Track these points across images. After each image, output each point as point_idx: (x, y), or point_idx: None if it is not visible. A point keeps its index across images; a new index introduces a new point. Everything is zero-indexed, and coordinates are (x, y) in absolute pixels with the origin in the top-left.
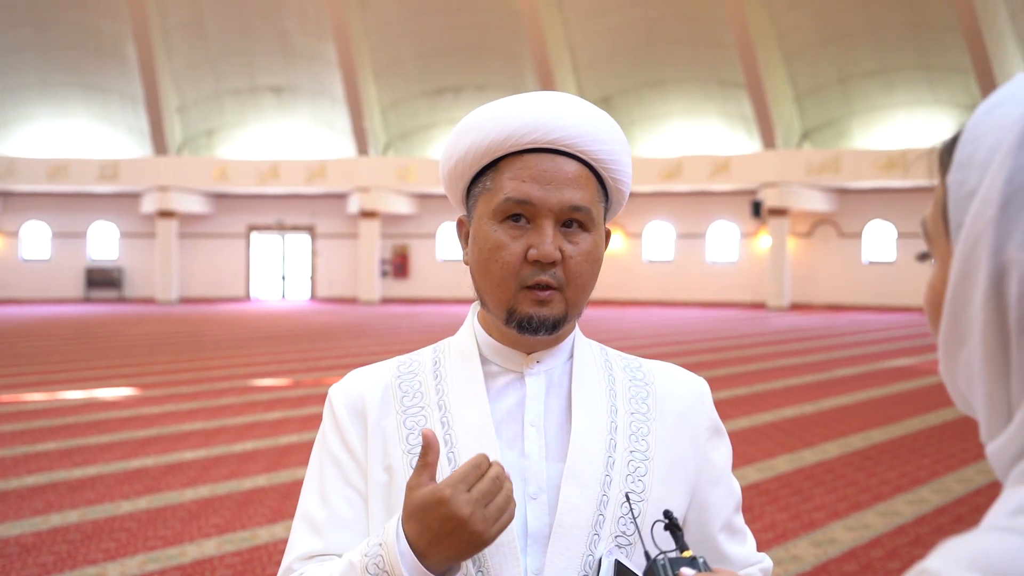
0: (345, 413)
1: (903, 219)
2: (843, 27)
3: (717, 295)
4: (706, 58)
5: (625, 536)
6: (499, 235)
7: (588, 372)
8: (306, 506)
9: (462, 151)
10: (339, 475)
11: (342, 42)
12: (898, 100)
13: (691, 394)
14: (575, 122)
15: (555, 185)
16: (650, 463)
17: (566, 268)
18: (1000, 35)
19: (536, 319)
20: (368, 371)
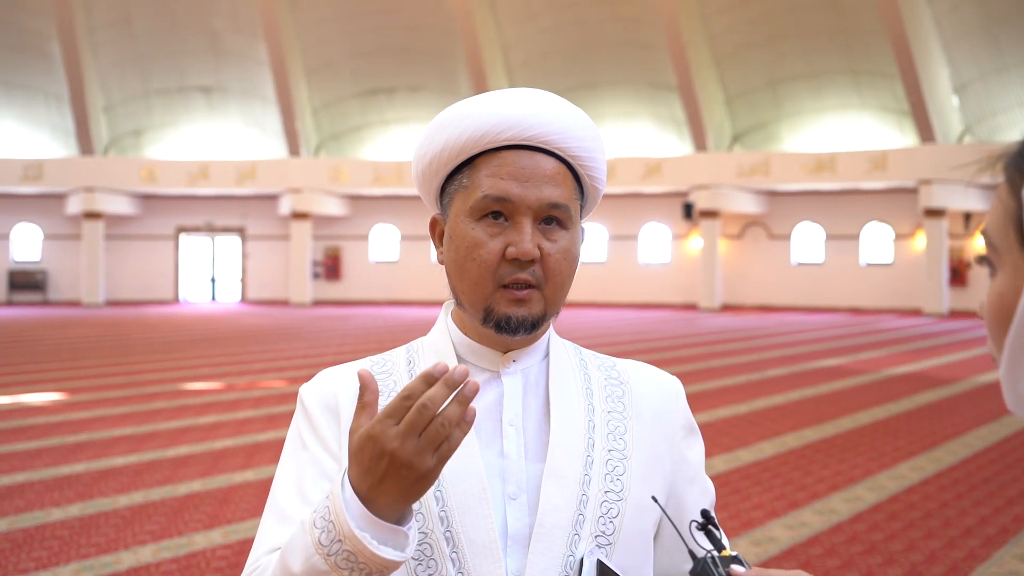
0: (319, 411)
1: (831, 221)
2: (773, 32)
3: (649, 296)
4: (639, 61)
5: (605, 536)
6: (477, 233)
7: (564, 371)
8: (277, 501)
9: (437, 148)
10: (316, 470)
11: (273, 42)
12: (826, 104)
13: (665, 392)
14: (553, 119)
15: (533, 182)
16: (628, 462)
17: (545, 266)
18: (925, 41)
19: (515, 319)
20: (340, 370)
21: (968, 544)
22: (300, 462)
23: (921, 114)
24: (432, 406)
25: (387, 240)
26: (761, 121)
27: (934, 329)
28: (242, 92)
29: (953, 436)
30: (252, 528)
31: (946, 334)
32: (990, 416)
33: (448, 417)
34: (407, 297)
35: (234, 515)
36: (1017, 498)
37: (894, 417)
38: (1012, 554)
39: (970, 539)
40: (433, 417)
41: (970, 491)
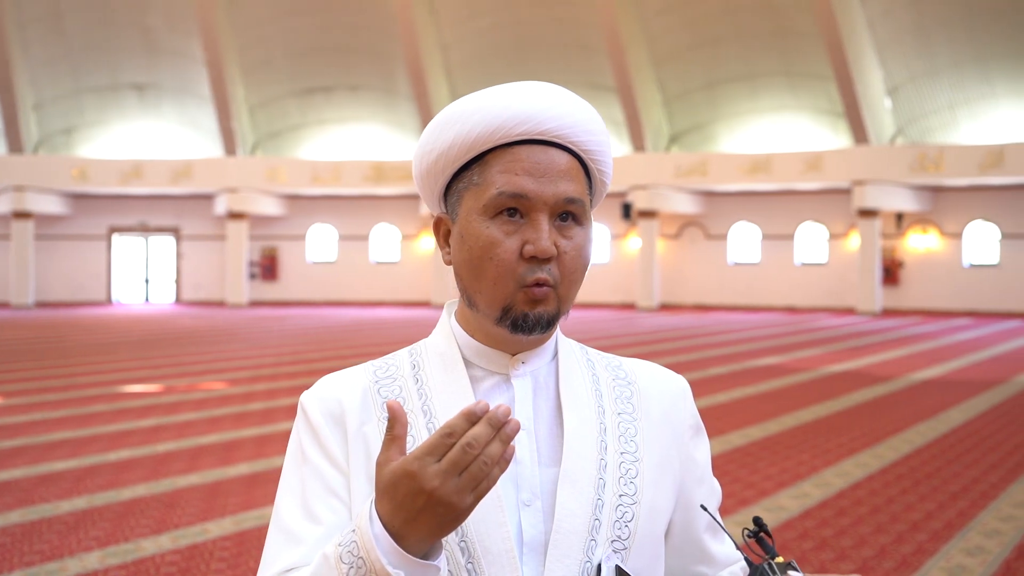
0: (322, 420)
1: (767, 221)
2: (711, 34)
3: (588, 296)
4: (577, 62)
5: (621, 540)
6: (492, 231)
7: (574, 372)
8: (282, 518)
9: (445, 144)
10: (320, 485)
11: (209, 39)
12: (762, 105)
13: (673, 392)
14: (565, 112)
15: (549, 178)
16: (640, 464)
17: (560, 264)
18: (859, 44)
19: (532, 317)
20: (343, 376)
21: (916, 539)
22: (303, 476)
23: (855, 116)
24: (477, 446)
25: (325, 240)
26: (698, 122)
27: (868, 327)
28: (177, 90)
29: (894, 432)
30: (200, 532)
31: (880, 332)
32: (928, 413)
33: (490, 456)
34: (345, 298)
35: (181, 519)
36: (960, 493)
37: (836, 414)
38: (959, 548)
39: (918, 534)
40: (476, 456)
41: (914, 486)
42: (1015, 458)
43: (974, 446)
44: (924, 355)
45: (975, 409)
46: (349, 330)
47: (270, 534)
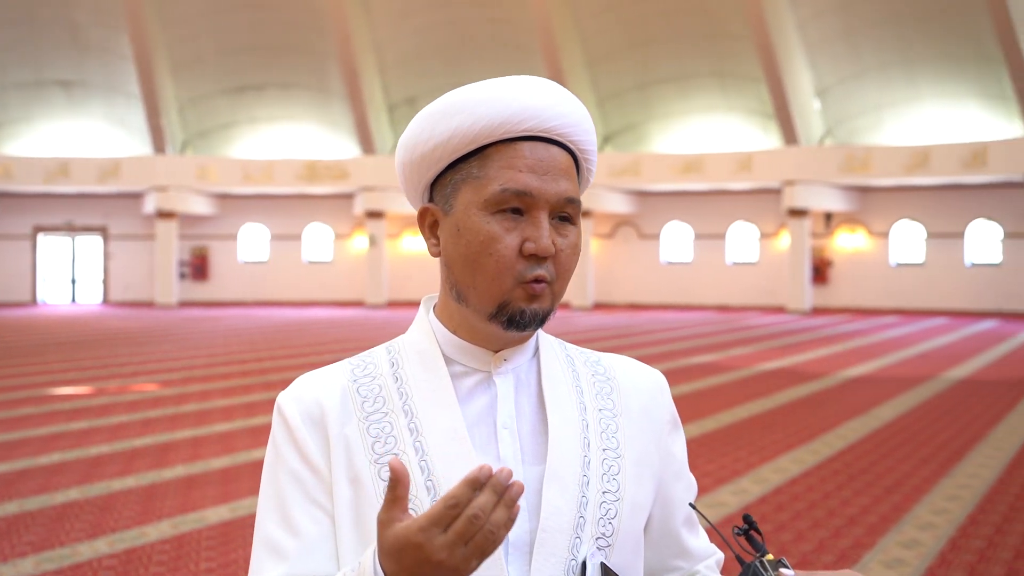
0: (300, 422)
1: (699, 220)
2: (644, 35)
3: None
4: (511, 61)
5: (605, 537)
6: (493, 227)
7: (555, 369)
8: (265, 530)
9: (444, 135)
10: (300, 492)
11: (137, 35)
12: (694, 106)
13: (652, 387)
14: (568, 110)
15: (551, 176)
16: (622, 460)
17: (556, 261)
18: (789, 46)
19: (528, 314)
20: (320, 375)
21: (853, 533)
22: (280, 484)
23: (785, 117)
24: (483, 516)
25: (257, 240)
26: (631, 122)
27: (798, 326)
28: (104, 87)
29: (828, 429)
30: (138, 536)
31: (810, 330)
32: (860, 409)
33: (496, 523)
34: (277, 298)
35: (118, 523)
36: (894, 487)
37: (771, 411)
38: (895, 541)
39: (855, 528)
40: (482, 526)
41: (850, 481)
42: (945, 453)
43: (905, 441)
44: (854, 352)
45: (905, 405)
46: (283, 330)
47: (254, 545)
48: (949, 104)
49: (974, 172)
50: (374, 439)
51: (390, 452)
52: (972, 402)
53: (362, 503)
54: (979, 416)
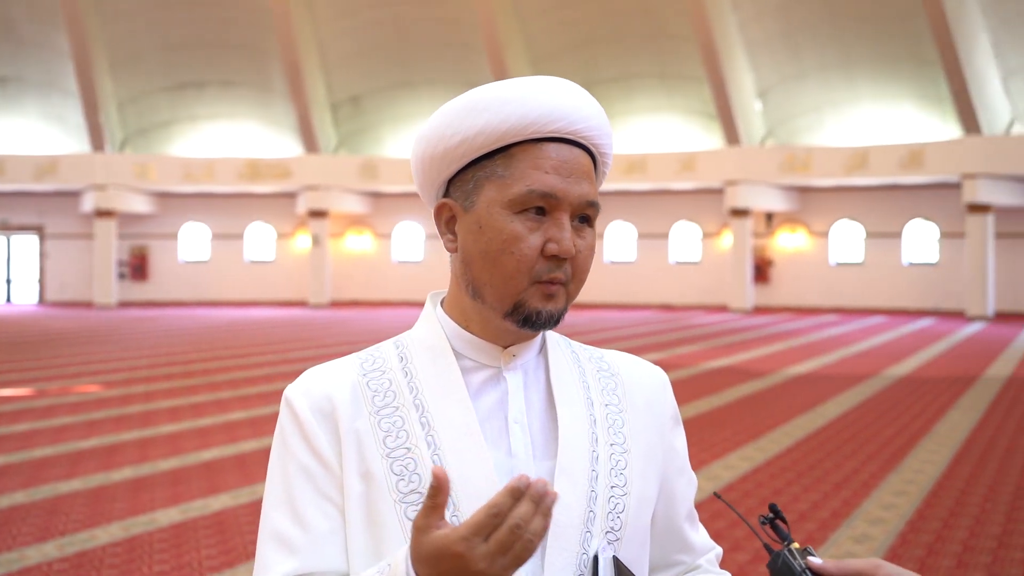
0: (311, 416)
1: (642, 220)
2: (588, 35)
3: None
4: (456, 61)
5: (614, 531)
6: (516, 227)
7: (562, 365)
8: (273, 524)
9: (472, 131)
10: (310, 486)
11: (75, 31)
12: (638, 106)
13: (655, 383)
14: (592, 113)
15: (575, 178)
16: (629, 455)
17: (575, 263)
18: (731, 47)
19: (544, 313)
20: (329, 369)
21: (805, 528)
22: (289, 477)
23: (727, 117)
24: (524, 526)
25: (197, 239)
26: None
27: (741, 324)
28: (41, 84)
29: (775, 426)
30: (88, 539)
31: (752, 329)
32: (805, 406)
33: (535, 532)
34: (218, 298)
35: (66, 526)
36: (843, 483)
37: (718, 409)
38: (847, 536)
39: (807, 523)
40: (520, 538)
41: (799, 478)
42: (890, 449)
43: (851, 438)
44: (797, 351)
45: (849, 402)
46: (225, 331)
47: (261, 539)
48: (887, 105)
49: (911, 173)
50: (385, 433)
51: (402, 446)
52: (913, 399)
53: (373, 498)
54: (921, 413)
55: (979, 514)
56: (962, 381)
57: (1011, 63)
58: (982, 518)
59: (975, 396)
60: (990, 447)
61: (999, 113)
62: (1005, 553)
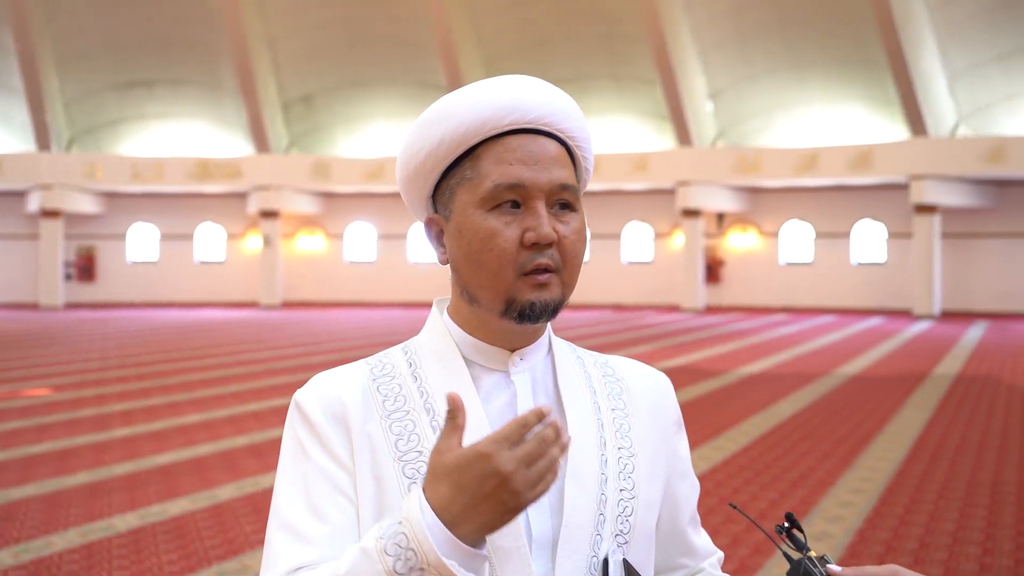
0: (323, 419)
1: (594, 221)
2: (541, 35)
3: (420, 295)
4: (409, 60)
5: (623, 535)
6: (491, 223)
7: (569, 368)
8: (286, 516)
9: (434, 142)
10: (327, 484)
11: (20, 28)
12: (590, 107)
13: (659, 388)
14: (548, 100)
15: (542, 165)
16: (636, 459)
17: (561, 248)
18: (683, 49)
19: (539, 305)
20: (339, 374)
21: (765, 526)
22: (305, 474)
23: (679, 118)
24: (549, 442)
25: (146, 240)
26: None
27: (693, 324)
28: None
29: (731, 425)
30: (44, 546)
31: (704, 328)
32: (760, 405)
33: (555, 457)
34: (168, 299)
35: (21, 533)
36: (800, 481)
37: None
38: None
39: (765, 522)
40: (546, 452)
41: (756, 477)
42: (845, 447)
43: (806, 436)
44: (749, 350)
45: (802, 401)
46: (176, 332)
47: (272, 533)
48: (836, 107)
49: (860, 174)
50: (397, 437)
51: (414, 450)
52: (865, 397)
53: (384, 499)
54: (873, 411)
55: (934, 511)
56: (912, 379)
57: (957, 66)
58: (937, 515)
59: (925, 394)
60: (942, 444)
61: (945, 115)
62: (960, 549)
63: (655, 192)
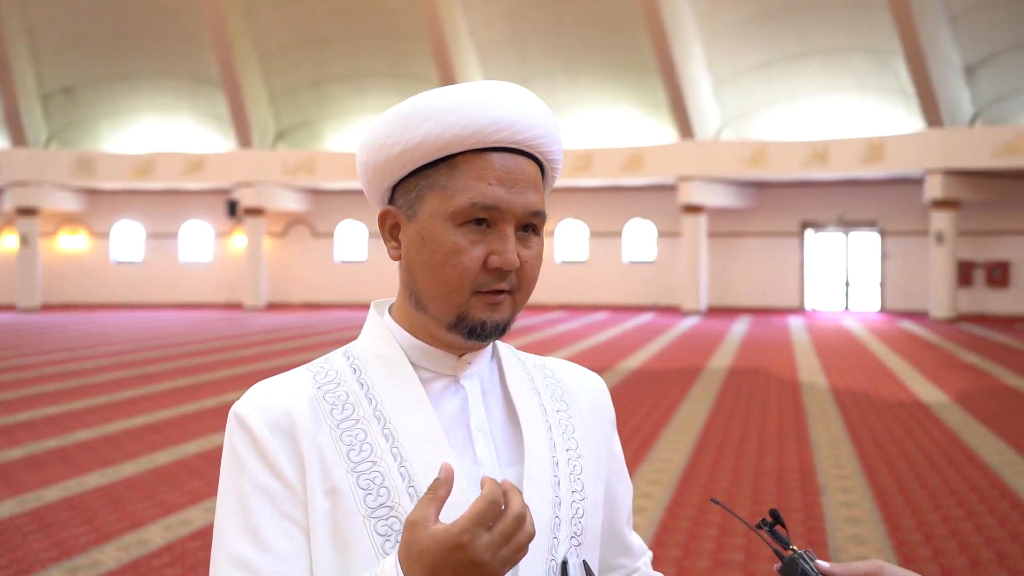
0: (268, 433)
1: (372, 219)
2: (318, 32)
3: (191, 296)
4: (180, 53)
5: (576, 536)
6: (458, 239)
7: (515, 372)
8: (230, 548)
9: (412, 141)
10: (270, 506)
11: None
12: (369, 105)
13: (596, 389)
14: (539, 122)
15: (519, 188)
16: (582, 460)
17: (521, 272)
18: (462, 50)
19: (489, 324)
20: (281, 383)
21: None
22: (246, 499)
23: None
24: (522, 518)
25: None
26: (306, 120)
27: None
28: None
29: None
30: None
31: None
32: None
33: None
34: None
35: None
36: None
37: None
38: None
39: None
40: (522, 527)
41: None
42: (637, 440)
43: None
44: (531, 347)
45: None
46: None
47: (217, 566)
48: (609, 110)
49: (632, 175)
50: (348, 447)
51: (367, 460)
52: (649, 391)
53: (340, 514)
54: (658, 404)
55: (728, 500)
56: (690, 373)
57: (721, 73)
58: (731, 503)
59: (703, 387)
60: (726, 435)
61: (710, 119)
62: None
63: None
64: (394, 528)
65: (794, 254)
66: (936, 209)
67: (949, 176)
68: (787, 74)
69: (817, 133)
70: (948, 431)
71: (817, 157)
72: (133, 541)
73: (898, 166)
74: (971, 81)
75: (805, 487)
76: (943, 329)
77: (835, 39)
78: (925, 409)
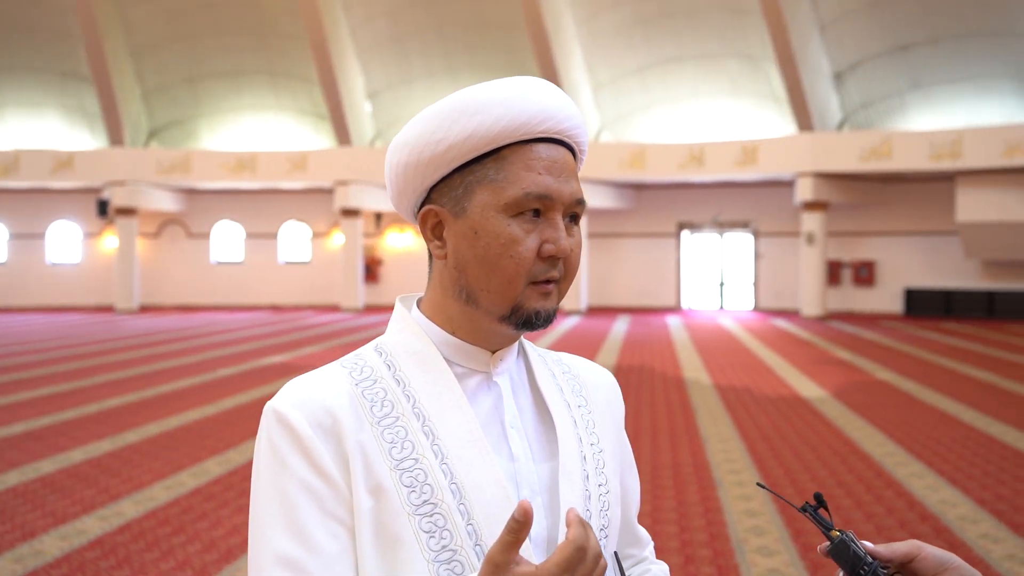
0: (311, 432)
1: (250, 220)
2: (192, 28)
3: (59, 299)
4: (50, 48)
5: (605, 529)
6: (513, 230)
7: (541, 369)
8: (275, 546)
9: (461, 135)
10: (315, 505)
11: None
12: (246, 103)
13: (609, 384)
14: (576, 112)
15: (564, 177)
16: (604, 454)
17: (567, 261)
18: (342, 49)
19: (543, 313)
20: (319, 380)
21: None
22: (290, 497)
23: (339, 118)
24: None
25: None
26: (180, 117)
27: (355, 324)
28: None
29: None
30: None
31: (367, 328)
32: None
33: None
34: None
35: None
36: None
37: None
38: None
39: None
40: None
41: None
42: None
43: None
44: None
45: None
46: None
47: (261, 565)
48: None
49: None
50: (390, 444)
51: (409, 457)
52: None
53: (384, 512)
54: None
55: None
56: None
57: (601, 77)
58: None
59: None
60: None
61: (590, 121)
62: (661, 528)
63: (313, 191)
64: (438, 524)
65: (671, 254)
66: (807, 211)
67: (819, 179)
68: (664, 78)
69: (694, 136)
70: (830, 424)
71: (694, 159)
72: (27, 552)
73: (771, 169)
74: (839, 87)
75: (700, 481)
76: (814, 327)
77: (711, 44)
78: (805, 404)
